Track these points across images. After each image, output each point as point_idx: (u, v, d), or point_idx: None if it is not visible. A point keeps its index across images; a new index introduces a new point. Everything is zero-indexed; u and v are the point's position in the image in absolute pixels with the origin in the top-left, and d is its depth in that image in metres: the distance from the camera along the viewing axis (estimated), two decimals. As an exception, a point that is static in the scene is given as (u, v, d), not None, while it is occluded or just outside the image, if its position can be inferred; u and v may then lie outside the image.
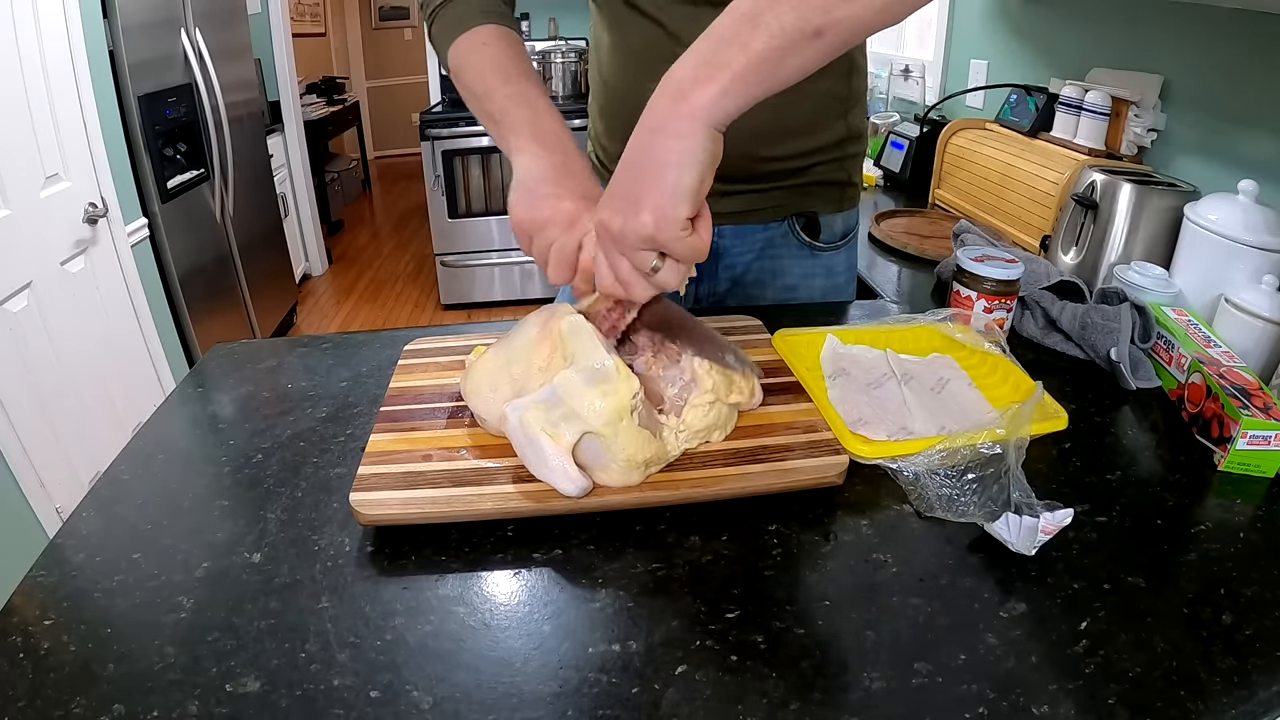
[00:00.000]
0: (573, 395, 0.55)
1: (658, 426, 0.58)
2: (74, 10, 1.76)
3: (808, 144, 0.86)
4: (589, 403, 0.54)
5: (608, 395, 0.54)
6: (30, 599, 0.51)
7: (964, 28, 1.88)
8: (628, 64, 0.83)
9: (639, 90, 0.75)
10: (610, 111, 0.89)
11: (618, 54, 0.84)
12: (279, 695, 0.43)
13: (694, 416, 0.59)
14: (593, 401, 0.54)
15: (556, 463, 0.54)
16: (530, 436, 0.54)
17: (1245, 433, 0.62)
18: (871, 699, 0.43)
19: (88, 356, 1.82)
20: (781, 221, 0.91)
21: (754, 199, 0.88)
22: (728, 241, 0.91)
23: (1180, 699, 0.43)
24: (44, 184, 1.69)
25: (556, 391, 0.55)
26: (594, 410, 0.54)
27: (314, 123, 4.02)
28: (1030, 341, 0.88)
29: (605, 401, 0.54)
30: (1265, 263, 0.87)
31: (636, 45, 0.81)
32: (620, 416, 0.54)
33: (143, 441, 0.68)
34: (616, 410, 0.54)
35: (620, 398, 0.54)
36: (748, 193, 0.87)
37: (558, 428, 0.54)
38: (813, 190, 0.90)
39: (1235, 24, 1.08)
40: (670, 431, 0.59)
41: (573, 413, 0.54)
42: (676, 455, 0.59)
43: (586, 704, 0.43)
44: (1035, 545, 0.52)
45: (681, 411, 0.59)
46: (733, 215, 0.88)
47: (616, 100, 0.87)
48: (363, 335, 0.87)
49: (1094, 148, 1.28)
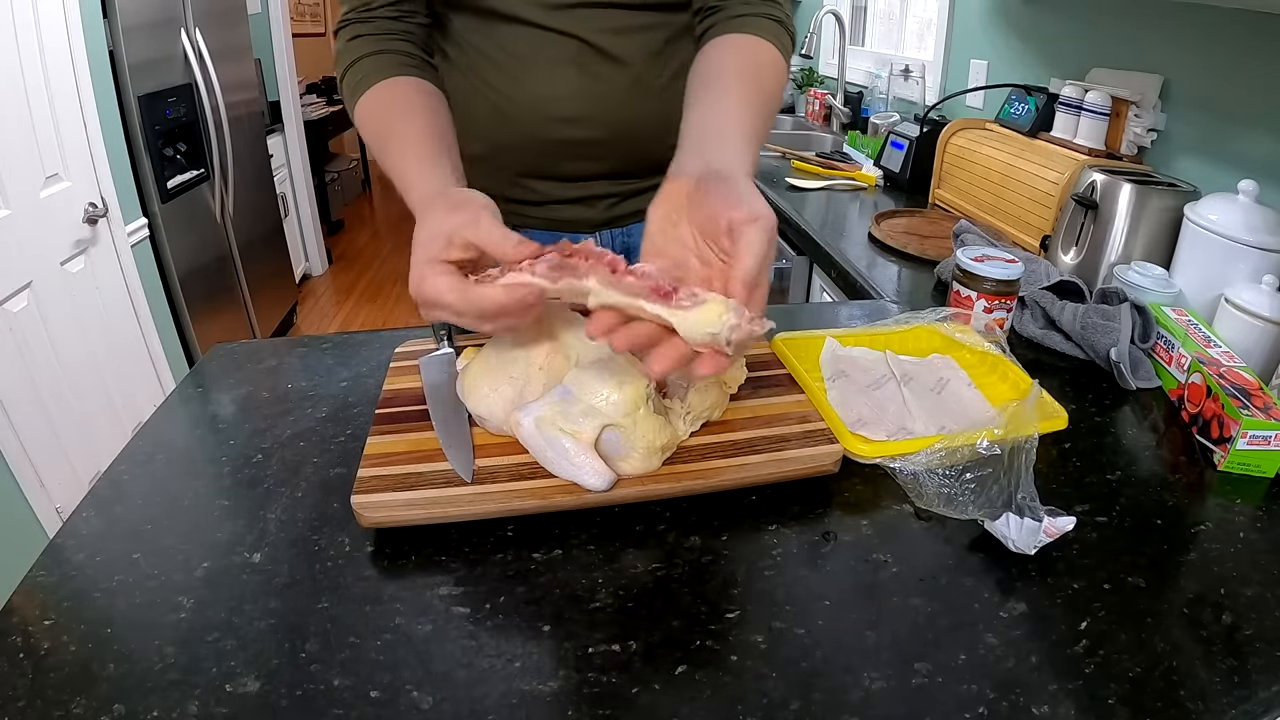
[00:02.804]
0: (587, 391, 0.56)
1: (665, 411, 0.59)
2: (74, 10, 1.76)
3: None
4: (605, 396, 0.55)
5: (623, 386, 0.55)
6: (30, 599, 0.51)
7: (964, 28, 1.88)
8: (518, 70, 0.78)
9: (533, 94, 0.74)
10: (499, 118, 0.82)
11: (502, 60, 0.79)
12: (279, 695, 0.43)
13: (696, 399, 0.61)
14: (609, 395, 0.55)
15: (582, 459, 0.54)
16: (549, 438, 0.55)
17: (1245, 433, 0.62)
18: (871, 699, 0.43)
19: (88, 356, 1.82)
20: None
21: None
22: (637, 240, 0.89)
23: (1180, 699, 0.43)
24: (44, 184, 1.69)
25: (570, 390, 0.56)
26: (611, 403, 0.55)
27: (314, 123, 4.02)
28: (1030, 341, 0.88)
29: (621, 393, 0.55)
30: (1265, 263, 0.87)
31: (522, 51, 0.76)
32: (637, 405, 0.55)
33: (143, 441, 0.68)
34: (633, 400, 0.55)
35: (635, 387, 0.55)
36: (651, 188, 0.85)
37: (577, 424, 0.55)
38: None
39: (1235, 24, 1.08)
40: (678, 416, 0.60)
41: (590, 408, 0.55)
42: (685, 437, 0.60)
43: (586, 704, 0.43)
44: (1036, 545, 0.52)
45: (685, 394, 0.60)
46: (639, 214, 0.84)
47: (511, 106, 0.80)
48: (363, 335, 0.87)
49: (1094, 148, 1.28)
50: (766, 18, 0.71)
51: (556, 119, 0.78)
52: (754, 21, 0.70)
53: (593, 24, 0.74)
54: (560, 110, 0.77)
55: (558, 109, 0.77)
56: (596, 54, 0.75)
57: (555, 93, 0.77)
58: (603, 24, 0.74)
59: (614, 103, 0.78)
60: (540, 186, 0.85)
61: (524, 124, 0.79)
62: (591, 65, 0.76)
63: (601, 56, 0.76)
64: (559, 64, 0.76)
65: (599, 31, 0.75)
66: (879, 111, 2.20)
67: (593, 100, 0.77)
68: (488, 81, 0.79)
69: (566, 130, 0.78)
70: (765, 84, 0.66)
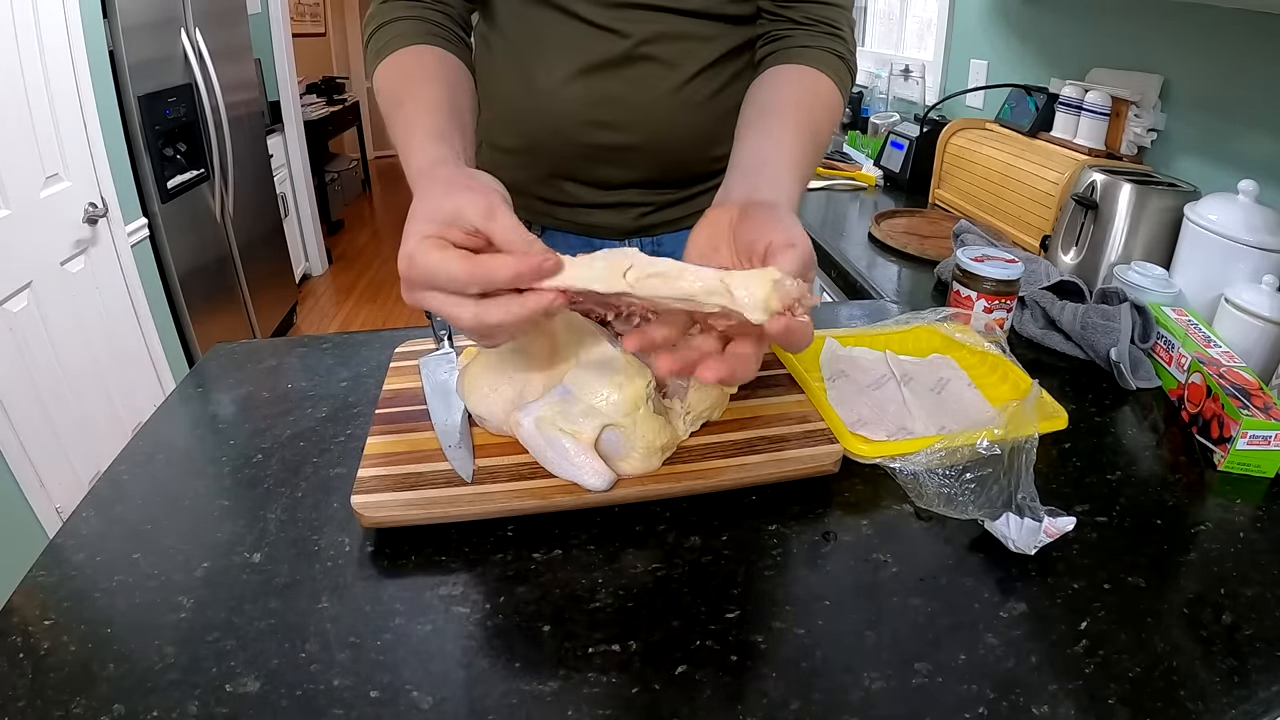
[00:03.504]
0: (587, 391, 0.56)
1: (665, 411, 0.59)
2: (74, 10, 1.76)
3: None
4: (605, 396, 0.55)
5: (622, 386, 0.55)
6: (30, 599, 0.51)
7: (964, 28, 1.88)
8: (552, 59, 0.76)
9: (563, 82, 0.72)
10: (529, 107, 0.80)
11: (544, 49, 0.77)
12: (279, 695, 0.43)
13: (696, 398, 0.60)
14: (609, 395, 0.55)
15: (582, 459, 0.54)
16: (549, 438, 0.55)
17: (1245, 433, 0.62)
18: (871, 699, 0.43)
19: (88, 356, 1.82)
20: None
21: (694, 203, 0.86)
22: (667, 250, 0.90)
23: (1180, 699, 0.43)
24: (44, 184, 1.69)
25: (570, 390, 0.56)
26: (611, 403, 0.55)
27: (314, 123, 4.02)
28: (1030, 341, 0.88)
29: (621, 393, 0.55)
30: (1265, 263, 0.87)
31: (566, 45, 0.75)
32: (637, 405, 0.55)
33: (143, 441, 0.68)
34: (633, 400, 0.55)
35: (635, 387, 0.55)
36: (690, 198, 0.86)
37: (577, 424, 0.55)
38: None
39: (1235, 24, 1.08)
40: (678, 416, 0.60)
41: (590, 408, 0.55)
42: (685, 437, 0.60)
43: (586, 704, 0.43)
44: (1036, 545, 0.52)
45: (685, 394, 0.60)
46: (674, 222, 0.87)
47: (542, 95, 0.78)
48: (363, 335, 0.87)
49: (1094, 148, 1.28)
50: (829, 52, 0.70)
51: (592, 122, 0.76)
52: (815, 54, 0.69)
53: (643, 26, 0.72)
54: (597, 113, 0.75)
55: (595, 111, 0.75)
56: (643, 57, 0.73)
57: (593, 94, 0.75)
58: (654, 27, 0.72)
59: (654, 110, 0.76)
60: (572, 189, 0.84)
61: (560, 122, 0.77)
62: (636, 68, 0.74)
63: (647, 60, 0.73)
64: (602, 63, 0.74)
65: (648, 34, 0.72)
66: (879, 111, 2.21)
67: (632, 106, 0.75)
68: (528, 74, 0.76)
69: (602, 134, 0.77)
70: (818, 119, 0.66)
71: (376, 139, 6.21)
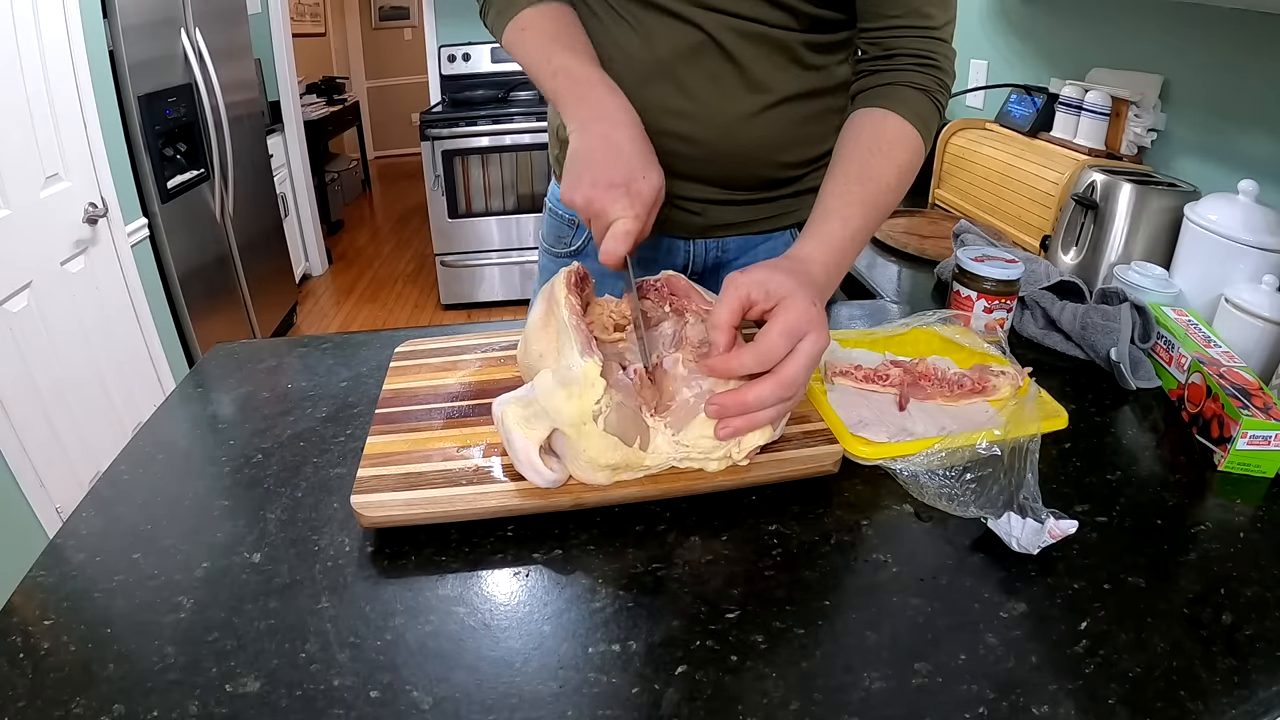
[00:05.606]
0: (545, 394, 0.55)
1: (640, 431, 0.56)
2: (74, 10, 1.76)
3: (814, 151, 0.85)
4: (556, 404, 0.54)
5: (572, 399, 0.54)
6: (30, 599, 0.51)
7: (964, 28, 1.87)
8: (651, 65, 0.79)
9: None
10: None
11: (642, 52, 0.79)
12: (279, 695, 0.43)
13: (693, 435, 0.56)
14: (560, 404, 0.54)
15: (525, 457, 0.54)
16: (505, 429, 0.55)
17: (1245, 433, 0.62)
18: (871, 699, 0.43)
19: (88, 356, 1.81)
20: (785, 230, 0.90)
21: (760, 208, 0.86)
22: (732, 254, 0.90)
23: (1180, 699, 0.43)
24: (44, 184, 1.69)
25: (534, 389, 0.56)
26: (560, 412, 0.54)
27: (314, 123, 4.02)
28: (1030, 342, 0.88)
29: (569, 405, 0.54)
30: (1265, 263, 0.87)
31: (645, 31, 0.76)
32: (583, 420, 0.54)
33: (143, 441, 0.68)
34: (579, 414, 0.54)
35: (583, 402, 0.54)
36: (756, 202, 0.85)
37: (530, 424, 0.55)
38: (809, 197, 0.89)
39: (1235, 24, 1.08)
40: (664, 439, 0.57)
41: (543, 411, 0.55)
42: (661, 467, 0.57)
43: (586, 704, 0.43)
44: (1039, 546, 0.52)
45: (687, 425, 0.56)
46: (738, 226, 0.87)
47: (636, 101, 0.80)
48: (363, 335, 0.87)
49: (1094, 148, 1.28)
50: (913, 87, 0.69)
51: (661, 108, 0.75)
52: (899, 92, 0.69)
53: (722, 21, 0.72)
54: (666, 100, 0.75)
55: (665, 99, 0.75)
56: (718, 50, 0.73)
57: (665, 84, 0.75)
58: (733, 23, 0.72)
59: (720, 107, 0.76)
60: None
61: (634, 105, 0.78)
62: (709, 61, 0.74)
63: (721, 54, 0.73)
64: (677, 53, 0.74)
65: (727, 29, 0.72)
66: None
67: (700, 100, 0.75)
68: (608, 54, 0.77)
69: (667, 121, 0.76)
70: (878, 171, 0.67)
71: (376, 139, 6.21)
